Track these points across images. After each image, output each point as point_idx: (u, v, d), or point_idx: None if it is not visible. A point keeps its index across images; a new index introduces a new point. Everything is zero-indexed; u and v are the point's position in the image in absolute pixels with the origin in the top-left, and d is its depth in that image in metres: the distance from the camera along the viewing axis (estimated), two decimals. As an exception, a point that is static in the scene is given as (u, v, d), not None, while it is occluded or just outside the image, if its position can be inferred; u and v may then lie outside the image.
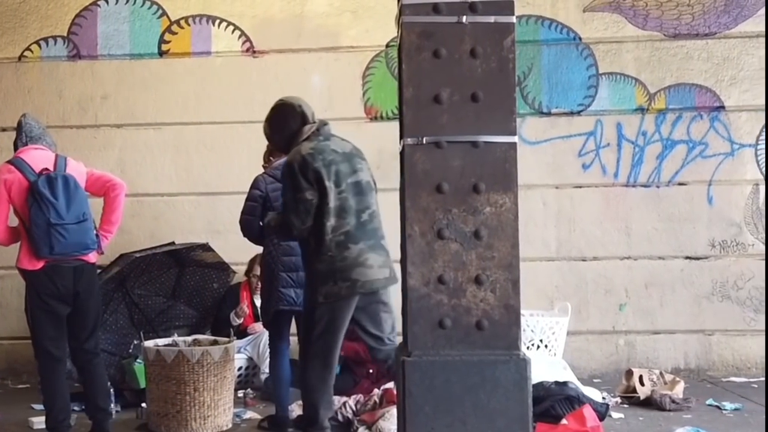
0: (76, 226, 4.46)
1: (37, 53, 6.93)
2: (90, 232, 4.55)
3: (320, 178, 4.08)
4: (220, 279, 6.30)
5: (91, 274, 4.62)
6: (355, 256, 4.06)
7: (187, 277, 6.34)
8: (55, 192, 4.43)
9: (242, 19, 6.87)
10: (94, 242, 4.57)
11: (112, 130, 6.90)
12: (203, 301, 6.35)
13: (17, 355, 6.75)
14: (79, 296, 4.54)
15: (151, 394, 4.92)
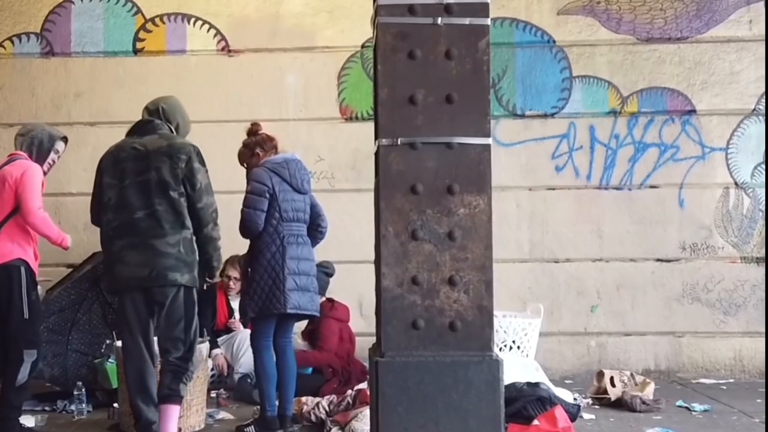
0: None
1: (9, 50, 6.87)
2: None
3: (102, 173, 4.48)
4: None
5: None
6: (117, 251, 4.28)
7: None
8: None
9: (218, 18, 6.86)
10: None
11: (85, 128, 6.86)
12: None
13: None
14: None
15: (123, 395, 4.88)
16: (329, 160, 6.79)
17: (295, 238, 4.87)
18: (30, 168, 4.85)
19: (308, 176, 5.08)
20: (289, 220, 4.85)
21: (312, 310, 4.90)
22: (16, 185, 4.78)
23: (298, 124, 6.82)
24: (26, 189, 4.77)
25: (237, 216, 6.66)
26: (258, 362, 4.85)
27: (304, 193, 4.97)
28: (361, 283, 6.73)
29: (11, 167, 4.87)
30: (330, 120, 6.78)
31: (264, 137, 5.06)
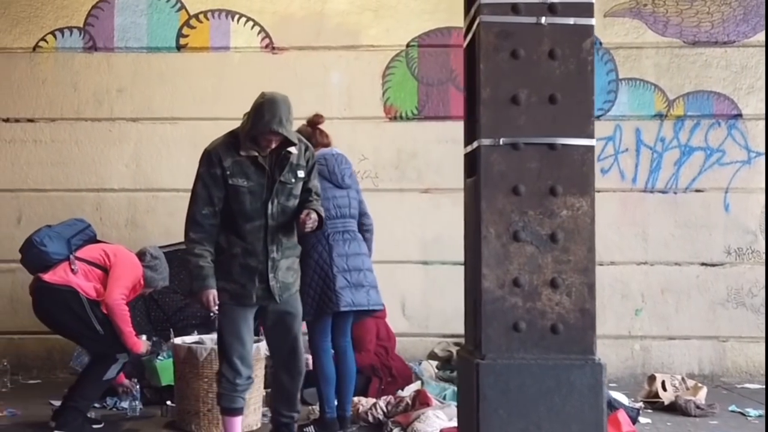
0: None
1: (52, 44, 6.82)
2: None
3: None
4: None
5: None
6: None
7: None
8: None
9: (262, 15, 6.81)
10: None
11: (127, 124, 6.82)
12: None
13: (27, 350, 6.64)
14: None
15: (181, 392, 4.86)
16: (373, 159, 6.76)
17: (341, 235, 4.81)
18: (137, 271, 5.05)
19: (350, 170, 4.98)
20: (332, 218, 4.78)
21: (369, 305, 4.83)
22: (116, 262, 4.97)
23: (341, 123, 6.76)
24: (121, 277, 4.93)
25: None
26: (317, 364, 4.80)
27: (346, 188, 4.88)
28: (404, 283, 6.73)
29: (128, 252, 5.11)
30: (374, 119, 6.74)
31: (317, 132, 4.98)
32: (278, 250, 4.10)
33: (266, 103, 4.05)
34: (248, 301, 4.10)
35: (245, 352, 4.12)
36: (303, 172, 4.17)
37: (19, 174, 6.77)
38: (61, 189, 6.75)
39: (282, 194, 4.10)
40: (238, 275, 4.10)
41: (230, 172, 4.06)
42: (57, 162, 6.77)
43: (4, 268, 6.71)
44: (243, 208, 4.07)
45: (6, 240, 6.73)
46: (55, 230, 5.05)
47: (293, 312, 4.20)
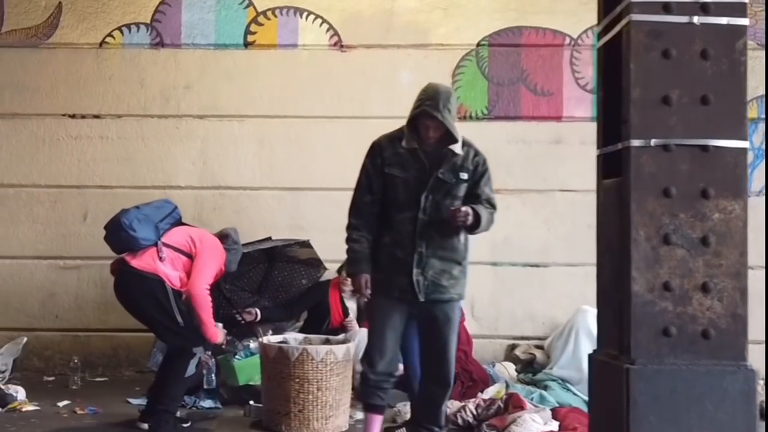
0: None
1: (119, 40, 6.78)
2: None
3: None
4: (309, 275, 6.20)
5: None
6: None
7: (275, 273, 6.24)
8: None
9: (330, 12, 6.76)
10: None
11: (194, 121, 6.77)
12: (289, 297, 6.24)
13: (92, 348, 6.61)
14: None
15: (270, 392, 4.81)
16: (442, 159, 6.69)
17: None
18: (222, 257, 4.99)
19: None
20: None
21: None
22: (202, 248, 4.89)
23: (410, 122, 6.71)
24: (206, 265, 4.88)
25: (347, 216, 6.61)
26: (407, 365, 4.75)
27: None
28: (474, 285, 6.59)
29: (213, 238, 5.05)
30: (443, 118, 6.66)
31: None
32: (428, 247, 4.08)
33: (426, 88, 4.15)
34: (392, 293, 4.08)
35: (384, 347, 4.08)
36: (467, 175, 4.15)
37: (85, 170, 6.73)
38: (127, 186, 6.70)
39: (438, 191, 4.08)
40: (385, 265, 4.12)
41: (388, 162, 4.15)
42: (123, 159, 6.73)
43: (70, 264, 6.69)
44: (396, 198, 4.11)
45: (72, 237, 6.72)
46: (144, 212, 4.90)
47: (444, 318, 4.15)
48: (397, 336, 4.16)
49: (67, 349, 6.63)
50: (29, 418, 5.07)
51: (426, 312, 4.14)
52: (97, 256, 6.62)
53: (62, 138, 6.74)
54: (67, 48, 6.76)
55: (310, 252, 6.08)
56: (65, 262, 6.69)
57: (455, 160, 4.13)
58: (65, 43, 6.76)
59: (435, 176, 4.11)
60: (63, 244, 6.70)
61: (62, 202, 6.72)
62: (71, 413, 5.21)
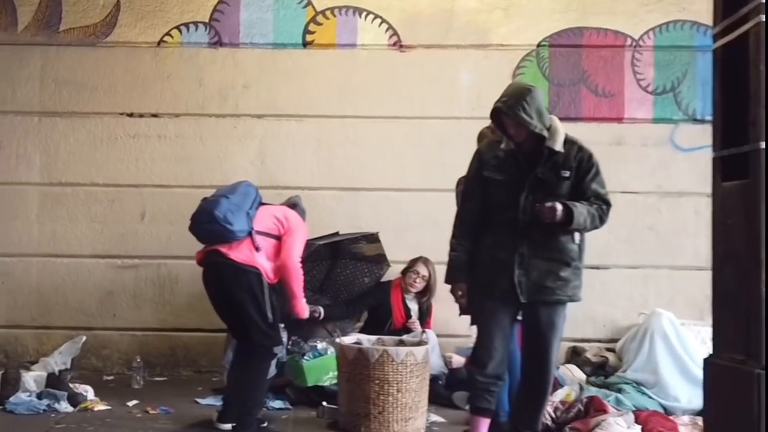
0: None
1: (177, 38, 6.76)
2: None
3: None
4: (372, 273, 6.17)
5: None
6: None
7: (338, 270, 6.21)
8: None
9: (390, 12, 6.73)
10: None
11: (252, 120, 6.75)
12: (350, 296, 6.20)
13: (150, 347, 6.59)
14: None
15: (349, 394, 4.79)
16: (502, 160, 6.66)
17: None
18: (306, 228, 4.98)
19: None
20: None
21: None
22: (290, 226, 4.86)
23: (470, 122, 6.61)
24: (297, 239, 4.84)
25: (405, 217, 6.60)
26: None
27: None
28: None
29: (293, 212, 5.01)
30: (503, 119, 6.63)
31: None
32: (530, 247, 4.04)
33: (507, 87, 4.01)
34: (495, 294, 4.06)
35: (492, 349, 4.05)
36: (569, 173, 4.09)
37: (143, 169, 6.71)
38: (185, 185, 6.68)
39: (538, 190, 4.05)
40: (488, 267, 4.10)
41: (487, 165, 4.15)
42: (181, 158, 6.71)
43: (128, 263, 6.67)
44: (496, 200, 4.11)
45: (130, 236, 6.70)
46: (234, 202, 4.77)
47: (547, 321, 4.09)
48: (506, 337, 4.13)
49: (125, 348, 6.62)
50: (103, 417, 5.05)
51: (529, 314, 4.11)
52: (155, 255, 6.66)
53: (120, 137, 6.72)
54: (125, 47, 6.74)
55: (376, 247, 6.04)
56: (123, 261, 6.67)
57: (555, 158, 4.08)
58: (123, 41, 6.74)
59: (533, 176, 4.07)
60: (121, 243, 6.68)
61: (120, 201, 6.70)
62: (144, 413, 5.18)
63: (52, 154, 6.73)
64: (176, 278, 6.66)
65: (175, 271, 6.65)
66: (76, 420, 4.96)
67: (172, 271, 6.66)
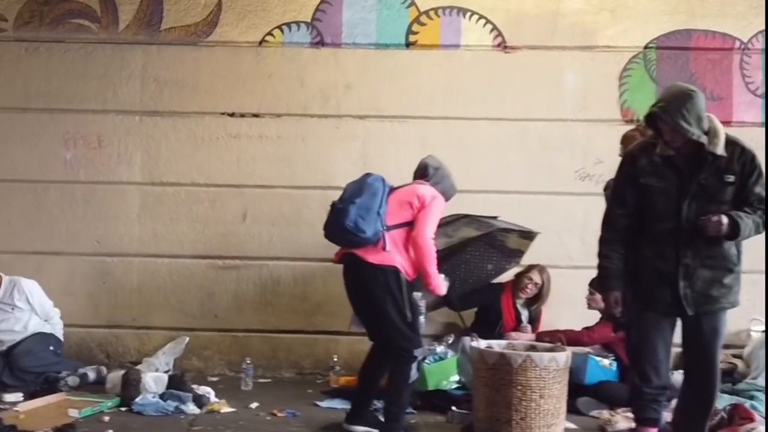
0: None
1: (278, 38, 6.72)
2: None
3: None
4: (499, 263, 6.08)
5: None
6: None
7: (469, 249, 6.03)
8: None
9: (494, 12, 6.67)
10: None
11: (354, 121, 6.70)
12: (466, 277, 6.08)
13: (252, 349, 6.54)
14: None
15: (488, 399, 4.72)
16: (608, 163, 6.50)
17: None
18: (440, 198, 4.83)
19: None
20: None
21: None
22: (422, 206, 4.72)
23: (575, 124, 6.64)
24: (429, 213, 4.73)
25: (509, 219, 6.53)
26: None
27: None
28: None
29: (424, 188, 4.85)
30: (609, 122, 6.57)
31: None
32: (694, 257, 3.96)
33: (666, 90, 3.93)
34: (656, 307, 3.98)
35: (656, 360, 3.99)
36: (734, 177, 3.99)
37: (245, 170, 6.67)
38: (286, 186, 6.65)
39: (701, 197, 3.96)
40: (647, 278, 4.02)
41: (642, 171, 4.01)
42: (283, 158, 6.67)
43: (230, 264, 6.63)
44: (654, 208, 4.00)
45: (231, 236, 6.67)
46: (363, 205, 4.67)
47: (710, 331, 4.04)
48: (668, 348, 4.07)
49: (226, 349, 6.59)
50: (235, 420, 5.01)
51: (692, 324, 4.03)
52: (257, 256, 6.63)
53: (221, 137, 6.69)
54: (226, 46, 6.70)
55: (522, 244, 5.95)
56: (224, 261, 6.63)
57: (718, 163, 3.99)
58: (225, 41, 6.70)
59: (696, 182, 3.99)
60: (222, 243, 6.64)
61: (221, 201, 6.66)
62: (272, 416, 5.14)
63: (153, 153, 6.70)
64: (278, 279, 6.62)
65: (277, 273, 6.62)
66: (209, 422, 4.93)
67: (273, 272, 6.62)
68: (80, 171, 6.67)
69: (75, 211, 6.66)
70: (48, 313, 6.22)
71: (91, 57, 6.70)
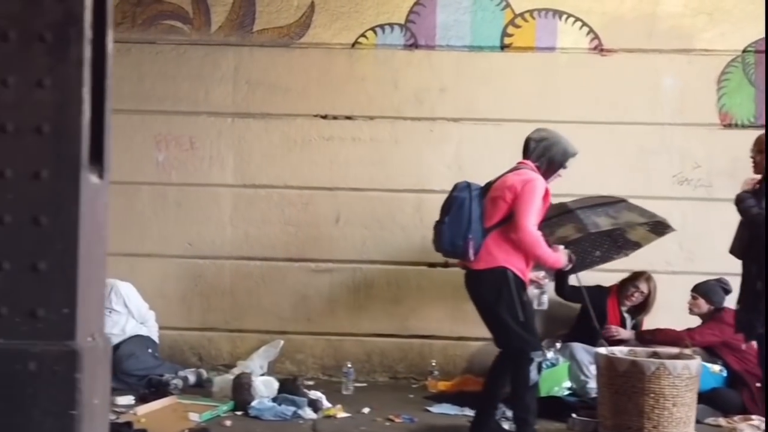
0: None
1: (372, 40, 6.68)
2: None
3: None
4: (608, 252, 5.94)
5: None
6: None
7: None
8: None
9: (590, 15, 6.61)
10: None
11: (448, 124, 6.65)
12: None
13: (345, 352, 6.51)
14: None
15: (618, 407, 4.67)
16: (706, 167, 6.54)
17: None
18: (533, 181, 4.67)
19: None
20: None
21: None
22: (515, 196, 4.61)
23: (673, 128, 6.58)
24: (524, 202, 4.60)
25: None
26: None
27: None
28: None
29: (514, 176, 4.73)
30: (708, 126, 6.52)
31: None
32: None
33: None
34: None
35: None
36: None
37: (338, 172, 6.63)
38: (380, 189, 6.61)
39: None
40: None
41: None
42: (376, 161, 6.62)
43: (322, 268, 6.60)
44: None
45: (324, 239, 6.63)
46: (454, 222, 4.65)
47: None
48: None
49: (319, 353, 6.56)
50: (356, 425, 4.97)
51: None
52: (350, 259, 6.59)
53: (314, 139, 6.65)
54: (319, 48, 6.67)
55: (646, 237, 5.84)
56: (317, 264, 6.59)
57: None
58: (317, 43, 6.67)
59: None
60: (315, 246, 6.60)
61: (314, 204, 6.63)
62: (389, 421, 5.10)
63: (246, 155, 6.67)
64: (371, 283, 6.58)
65: (371, 276, 6.58)
66: (331, 427, 4.90)
67: (367, 275, 6.58)
68: (172, 173, 6.64)
69: (167, 213, 6.63)
70: (144, 316, 6.21)
71: (183, 58, 6.67)
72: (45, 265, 2.70)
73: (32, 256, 2.63)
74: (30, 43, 2.58)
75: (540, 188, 4.66)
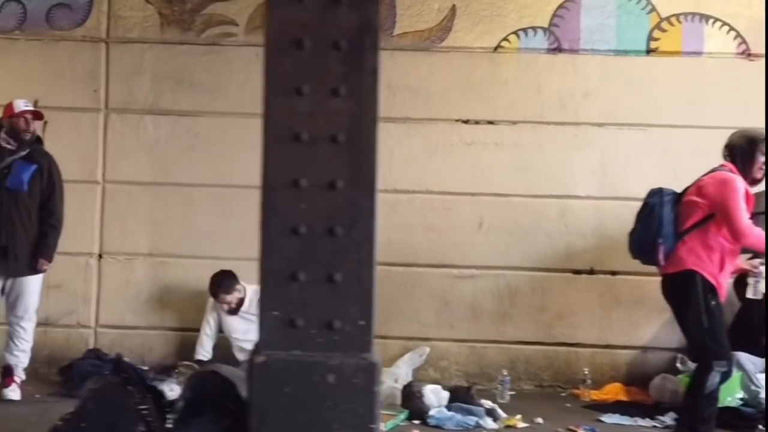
0: None
1: (514, 44, 6.60)
2: None
3: None
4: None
5: None
6: None
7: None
8: None
9: (737, 19, 6.52)
10: None
11: (593, 129, 6.57)
12: None
13: (488, 359, 6.46)
14: None
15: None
16: None
17: None
18: (728, 181, 4.58)
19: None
20: None
21: None
22: (712, 200, 4.54)
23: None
24: (728, 206, 4.51)
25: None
26: None
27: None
28: None
29: (708, 178, 4.69)
30: None
31: None
32: None
33: None
34: None
35: None
36: None
37: (480, 177, 6.56)
38: (523, 194, 6.53)
39: None
40: None
41: None
42: (519, 166, 6.55)
43: (465, 274, 6.53)
44: None
45: (467, 245, 6.56)
46: (645, 229, 4.69)
47: None
48: None
49: (462, 360, 6.49)
50: (545, 436, 4.90)
51: None
52: (494, 266, 6.52)
53: (456, 144, 6.59)
54: (460, 52, 6.60)
55: None
56: (460, 270, 6.52)
57: None
58: (459, 46, 6.60)
59: None
60: (457, 252, 6.54)
61: (456, 210, 6.56)
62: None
63: (387, 160, 6.57)
64: (515, 290, 6.51)
65: (515, 282, 6.51)
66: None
67: (511, 282, 6.51)
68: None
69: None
70: (289, 322, 6.14)
71: (324, 63, 6.60)
72: (341, 277, 2.66)
73: (328, 267, 2.58)
74: (324, 50, 2.53)
75: (737, 187, 4.57)
